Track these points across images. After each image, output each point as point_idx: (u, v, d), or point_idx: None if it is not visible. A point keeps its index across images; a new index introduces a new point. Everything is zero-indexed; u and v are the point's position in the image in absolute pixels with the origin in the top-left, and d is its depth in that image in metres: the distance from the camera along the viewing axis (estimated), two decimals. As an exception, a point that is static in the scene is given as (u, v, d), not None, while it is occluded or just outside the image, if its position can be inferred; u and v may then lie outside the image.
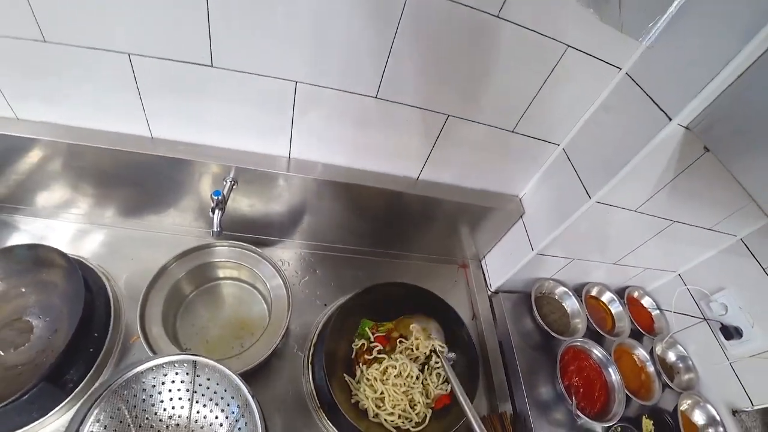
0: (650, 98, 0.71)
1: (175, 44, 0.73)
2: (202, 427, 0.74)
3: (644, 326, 1.18)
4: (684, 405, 1.06)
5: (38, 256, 0.87)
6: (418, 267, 1.19)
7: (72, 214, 1.01)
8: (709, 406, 1.06)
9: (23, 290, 0.87)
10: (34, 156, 0.89)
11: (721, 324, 1.06)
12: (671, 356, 1.17)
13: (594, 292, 1.19)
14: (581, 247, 1.02)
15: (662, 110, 0.69)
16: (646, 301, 1.25)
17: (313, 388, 0.90)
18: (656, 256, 1.12)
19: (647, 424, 1.02)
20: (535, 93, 0.81)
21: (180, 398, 0.73)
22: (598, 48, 0.74)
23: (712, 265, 1.12)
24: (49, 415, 0.76)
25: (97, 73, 0.77)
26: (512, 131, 0.88)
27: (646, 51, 0.73)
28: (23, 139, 0.84)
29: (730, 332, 1.04)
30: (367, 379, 0.90)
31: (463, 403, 0.82)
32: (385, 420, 0.87)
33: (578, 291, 1.15)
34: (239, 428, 0.72)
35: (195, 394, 0.74)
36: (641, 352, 1.10)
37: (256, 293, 1.01)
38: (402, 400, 0.90)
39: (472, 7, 0.67)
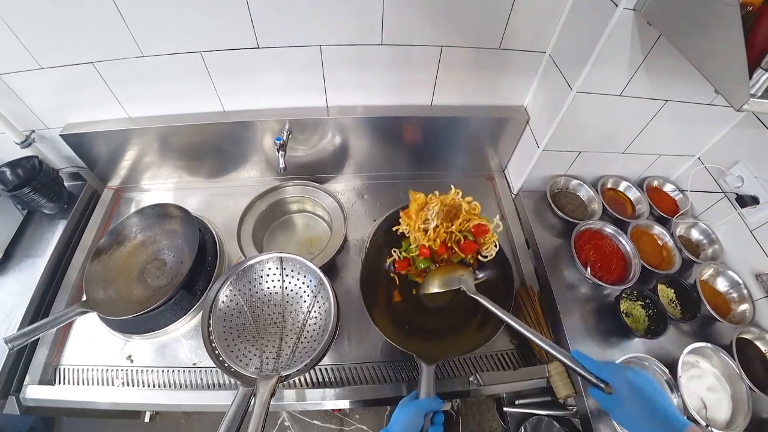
0: (600, -10, 0.84)
1: (229, 38, 1.00)
2: (293, 299, 1.02)
3: (667, 211, 1.25)
4: (705, 274, 1.14)
5: (162, 212, 1.21)
6: (451, 183, 1.37)
7: (176, 182, 1.36)
8: (731, 273, 1.13)
9: (156, 237, 1.22)
10: (142, 142, 1.24)
11: (737, 195, 1.13)
12: (695, 234, 1.24)
13: (610, 184, 1.30)
14: (584, 139, 1.14)
15: (610, -1, 0.82)
16: (668, 188, 1.31)
17: None
18: (668, 141, 1.19)
19: (668, 292, 1.13)
20: (508, 12, 0.96)
21: (274, 283, 1.02)
22: None
23: (727, 141, 1.17)
24: (188, 313, 1.11)
25: (179, 71, 1.07)
26: (499, 48, 1.04)
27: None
28: (134, 131, 1.20)
29: (747, 201, 1.09)
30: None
31: (503, 316, 0.87)
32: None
33: (595, 185, 1.28)
34: (319, 299, 0.99)
35: (283, 280, 1.02)
36: (660, 230, 1.20)
37: (318, 219, 1.32)
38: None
39: None
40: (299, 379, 1.04)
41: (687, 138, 1.20)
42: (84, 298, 1.09)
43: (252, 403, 0.81)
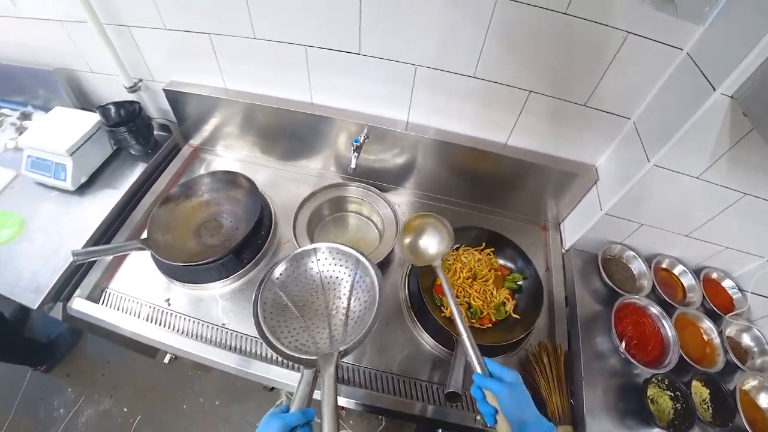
0: (701, 72, 0.84)
1: (336, 39, 1.08)
2: (332, 284, 1.00)
3: (720, 306, 1.19)
4: (748, 385, 1.07)
5: (232, 179, 1.30)
6: (505, 223, 1.40)
7: (248, 155, 1.47)
8: (779, 391, 1.05)
9: (220, 200, 1.31)
10: (229, 112, 1.35)
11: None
12: (746, 339, 1.17)
13: (665, 264, 1.25)
14: (649, 212, 1.12)
15: (708, 81, 0.81)
16: (727, 283, 1.25)
17: (407, 295, 1.19)
18: (738, 235, 1.14)
19: (702, 390, 1.07)
20: (602, 73, 0.98)
21: (313, 272, 1.01)
22: (659, 32, 0.88)
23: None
24: (233, 276, 1.18)
25: (282, 58, 1.17)
26: (584, 105, 1.06)
27: (704, 32, 0.85)
28: (226, 101, 1.31)
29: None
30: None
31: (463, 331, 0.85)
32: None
33: (649, 261, 1.23)
34: (358, 279, 0.98)
35: (320, 268, 1.01)
36: (708, 325, 1.14)
37: (371, 224, 1.37)
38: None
39: (545, 8, 0.89)
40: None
41: (760, 237, 1.14)
42: (144, 236, 1.19)
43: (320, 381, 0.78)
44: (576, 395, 1.05)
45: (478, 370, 0.78)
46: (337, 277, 1.01)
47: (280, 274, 0.99)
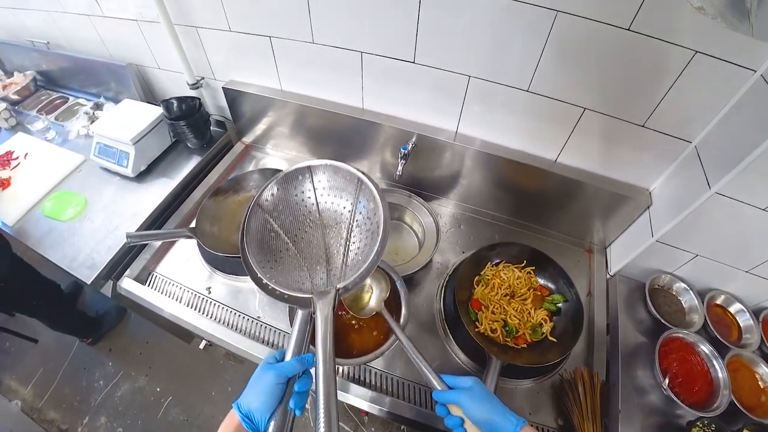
0: (776, 96, 0.79)
1: (391, 47, 1.10)
2: (330, 210, 0.85)
3: (781, 353, 1.10)
4: (812, 440, 0.98)
5: (278, 177, 1.35)
6: (548, 242, 1.36)
7: (296, 155, 1.52)
8: None
9: (266, 197, 1.36)
10: (283, 113, 1.40)
11: None
12: (811, 392, 1.07)
13: (720, 300, 1.17)
14: (705, 243, 1.05)
15: (785, 107, 0.77)
16: (791, 330, 1.15)
17: (441, 307, 1.18)
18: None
19: (755, 441, 0.98)
20: (663, 93, 0.94)
21: (306, 201, 0.85)
22: (730, 51, 0.83)
23: None
24: None
25: (337, 63, 1.20)
26: (642, 126, 1.01)
27: (782, 53, 0.80)
28: (281, 102, 1.35)
29: None
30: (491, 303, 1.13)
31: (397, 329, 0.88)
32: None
33: (702, 295, 1.15)
34: (360, 210, 0.82)
35: (317, 198, 0.85)
36: (765, 371, 1.04)
37: (411, 232, 1.36)
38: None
39: (606, 23, 0.86)
40: (339, 369, 1.08)
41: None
42: (192, 225, 1.25)
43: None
44: (610, 430, 0.99)
45: (437, 386, 0.76)
46: (334, 202, 0.86)
47: (269, 199, 0.84)
